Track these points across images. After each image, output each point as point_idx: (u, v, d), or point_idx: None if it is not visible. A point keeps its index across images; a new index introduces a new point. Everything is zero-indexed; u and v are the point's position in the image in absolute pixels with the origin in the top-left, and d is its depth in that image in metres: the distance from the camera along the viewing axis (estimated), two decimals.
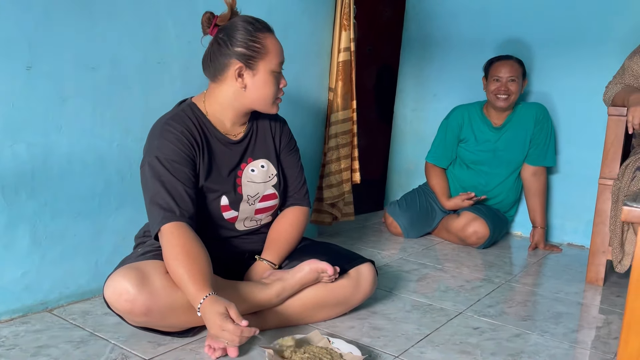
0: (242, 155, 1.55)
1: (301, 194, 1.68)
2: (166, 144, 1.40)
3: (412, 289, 1.95)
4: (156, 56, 1.73)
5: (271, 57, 1.45)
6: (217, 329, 1.22)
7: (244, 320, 1.22)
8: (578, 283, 2.14)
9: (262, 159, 1.59)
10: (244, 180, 1.54)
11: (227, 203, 1.50)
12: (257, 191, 1.56)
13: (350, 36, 2.40)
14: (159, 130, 1.42)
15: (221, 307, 1.22)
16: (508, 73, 2.54)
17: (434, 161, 2.75)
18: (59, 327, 1.45)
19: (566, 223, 2.79)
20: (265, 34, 1.45)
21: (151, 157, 1.39)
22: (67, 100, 1.52)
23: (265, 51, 1.44)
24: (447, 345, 1.49)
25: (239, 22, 1.45)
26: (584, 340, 1.61)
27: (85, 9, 1.53)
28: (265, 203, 1.58)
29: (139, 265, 1.32)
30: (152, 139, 1.42)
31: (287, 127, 1.68)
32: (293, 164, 1.67)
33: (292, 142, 1.69)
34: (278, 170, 1.62)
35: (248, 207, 1.54)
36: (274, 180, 1.60)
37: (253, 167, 1.57)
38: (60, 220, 1.55)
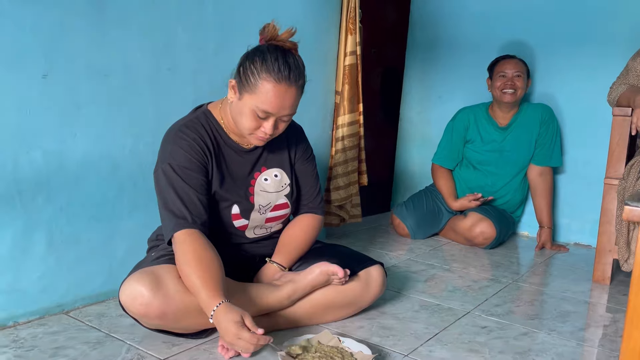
0: (255, 164, 1.56)
1: (316, 202, 1.68)
2: (179, 151, 1.42)
3: (420, 289, 1.97)
4: (167, 63, 1.76)
5: (258, 99, 1.36)
6: (232, 337, 1.24)
7: (259, 329, 1.24)
8: (585, 282, 2.16)
9: (276, 168, 1.60)
10: (257, 189, 1.55)
11: (238, 212, 1.52)
12: (269, 201, 1.57)
13: (356, 40, 2.43)
14: (172, 137, 1.45)
15: (237, 316, 1.24)
16: (513, 69, 2.57)
17: (441, 162, 2.77)
18: (75, 328, 1.48)
19: (573, 223, 2.81)
20: (269, 77, 1.34)
21: (164, 163, 1.42)
22: (81, 108, 1.56)
23: (256, 91, 1.36)
24: (455, 344, 1.52)
25: (264, 50, 1.38)
26: (591, 338, 1.63)
27: (97, 18, 1.57)
28: (276, 212, 1.59)
29: (153, 269, 1.35)
30: (166, 145, 1.45)
31: (303, 136, 1.67)
32: (308, 172, 1.67)
33: (309, 151, 1.68)
34: (291, 179, 1.62)
35: (259, 216, 1.56)
36: (287, 190, 1.61)
37: (266, 177, 1.57)
38: (75, 224, 1.59)
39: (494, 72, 2.63)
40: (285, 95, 1.37)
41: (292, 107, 1.41)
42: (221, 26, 1.91)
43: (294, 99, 1.40)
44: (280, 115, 1.40)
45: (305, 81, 1.45)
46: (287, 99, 1.38)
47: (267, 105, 1.36)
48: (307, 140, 1.69)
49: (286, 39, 1.42)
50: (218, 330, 1.29)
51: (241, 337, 1.23)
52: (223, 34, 1.92)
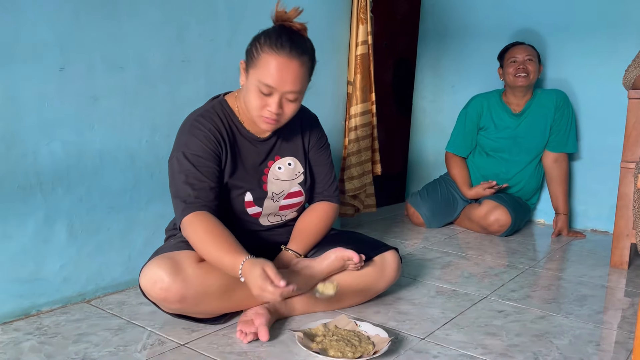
0: (268, 153, 1.57)
1: (331, 190, 1.69)
2: (193, 140, 1.44)
3: (436, 276, 1.98)
4: (180, 55, 1.78)
5: (260, 72, 1.37)
6: (258, 290, 1.26)
7: (282, 281, 1.25)
8: (602, 267, 2.14)
9: (290, 156, 1.61)
10: (270, 177, 1.56)
11: (252, 199, 1.53)
12: (283, 189, 1.59)
13: (367, 29, 2.43)
14: (188, 127, 1.47)
15: (258, 269, 1.26)
16: (525, 52, 2.57)
17: (454, 151, 2.77)
18: (97, 316, 1.51)
19: (589, 209, 2.79)
20: (271, 51, 1.36)
21: (178, 152, 1.44)
22: (98, 100, 1.59)
23: (258, 64, 1.37)
24: (472, 328, 1.52)
25: (270, 29, 1.42)
26: (609, 321, 1.62)
27: (111, 12, 1.59)
28: (290, 200, 1.61)
29: (172, 254, 1.38)
30: (181, 135, 1.47)
31: (317, 125, 1.68)
32: (323, 161, 1.68)
33: (323, 139, 1.68)
34: (305, 168, 1.63)
35: (272, 203, 1.58)
36: (301, 178, 1.62)
37: (280, 165, 1.59)
38: (95, 214, 1.62)
39: (505, 59, 2.62)
40: (286, 69, 1.36)
41: (295, 82, 1.38)
42: (233, 17, 1.93)
43: (296, 74, 1.38)
44: (283, 90, 1.37)
45: (313, 61, 1.44)
46: (288, 72, 1.36)
47: (267, 78, 1.36)
48: (321, 129, 1.69)
49: (292, 18, 1.44)
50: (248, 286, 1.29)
51: (265, 290, 1.24)
52: (235, 25, 1.93)
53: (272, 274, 1.26)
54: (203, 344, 1.36)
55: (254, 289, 1.27)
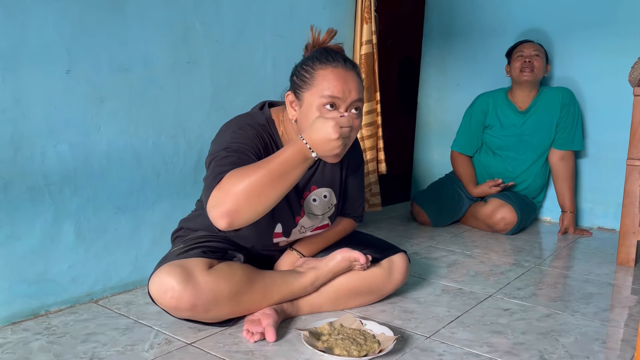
0: (307, 182, 1.52)
1: (358, 211, 1.68)
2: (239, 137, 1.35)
3: (442, 274, 1.98)
4: (185, 56, 1.79)
5: (319, 89, 1.29)
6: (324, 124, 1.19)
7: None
8: (609, 265, 2.14)
9: (326, 187, 1.54)
10: (305, 210, 1.51)
11: (281, 231, 1.51)
12: (313, 224, 1.56)
13: (371, 29, 2.44)
14: (233, 128, 1.38)
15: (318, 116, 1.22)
16: (531, 48, 2.58)
17: (460, 149, 2.77)
18: (105, 316, 1.53)
19: (596, 207, 2.78)
20: (324, 65, 1.31)
21: (220, 148, 1.33)
22: (104, 101, 1.60)
23: (313, 82, 1.30)
24: (477, 326, 1.52)
25: (314, 52, 1.37)
26: (615, 319, 1.62)
27: (117, 14, 1.60)
28: (316, 232, 1.59)
29: (183, 262, 1.35)
30: (224, 135, 1.38)
31: (357, 147, 1.61)
32: (356, 185, 1.64)
33: (358, 161, 1.61)
34: (339, 199, 1.58)
35: (299, 234, 1.56)
36: (332, 211, 1.58)
37: (315, 197, 1.52)
38: (102, 215, 1.63)
39: (513, 55, 2.62)
40: (346, 77, 1.30)
41: (358, 90, 1.31)
42: (238, 19, 1.94)
43: (357, 83, 1.32)
44: (348, 100, 1.30)
45: (362, 78, 1.39)
46: (349, 81, 1.30)
47: (331, 90, 1.28)
48: (360, 152, 1.64)
49: (328, 42, 1.41)
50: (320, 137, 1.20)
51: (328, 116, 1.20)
52: (240, 26, 1.94)
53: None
54: (210, 343, 1.37)
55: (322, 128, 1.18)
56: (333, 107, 1.29)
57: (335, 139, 1.19)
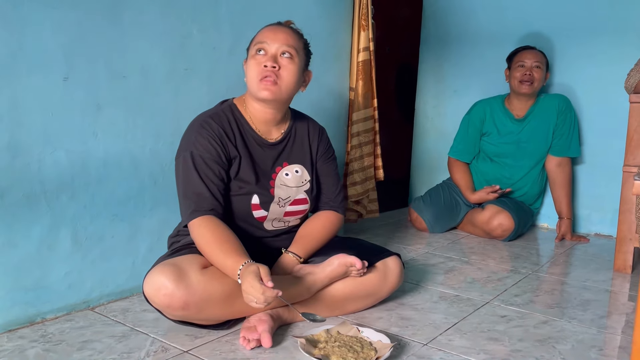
0: (277, 158, 1.60)
1: (337, 201, 1.71)
2: (202, 141, 1.47)
3: (439, 281, 1.98)
4: (183, 63, 1.80)
5: (254, 42, 1.50)
6: (247, 286, 1.26)
7: (270, 282, 1.27)
8: (606, 271, 2.14)
9: (297, 164, 1.64)
10: (277, 182, 1.59)
11: (258, 202, 1.55)
12: (289, 194, 1.61)
13: (369, 36, 2.45)
14: (197, 127, 1.50)
15: (254, 267, 1.28)
16: (533, 59, 2.57)
17: (457, 156, 2.77)
18: (101, 323, 1.52)
19: (593, 213, 2.78)
20: (269, 26, 1.52)
21: (186, 151, 1.47)
22: (101, 108, 1.60)
23: (256, 36, 1.51)
24: (474, 333, 1.52)
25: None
26: (612, 325, 1.62)
27: (115, 22, 1.61)
28: (295, 207, 1.62)
29: (176, 261, 1.39)
30: (190, 134, 1.50)
31: (325, 136, 1.72)
32: (329, 172, 1.71)
33: (330, 151, 1.72)
34: (312, 176, 1.66)
35: (278, 208, 1.59)
36: (307, 186, 1.64)
37: (287, 172, 1.61)
38: (99, 222, 1.63)
39: (513, 62, 2.62)
40: (276, 29, 1.49)
41: (287, 39, 1.48)
42: (235, 26, 1.94)
43: (288, 35, 1.49)
44: (274, 44, 1.46)
45: (307, 46, 1.56)
46: (278, 32, 1.49)
47: (260, 37, 1.48)
48: (329, 141, 1.74)
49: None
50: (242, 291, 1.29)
51: (253, 286, 1.25)
52: (237, 33, 1.95)
53: (264, 274, 1.27)
54: (206, 350, 1.37)
55: (245, 289, 1.28)
56: (262, 52, 1.47)
57: (256, 305, 1.28)
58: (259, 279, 1.26)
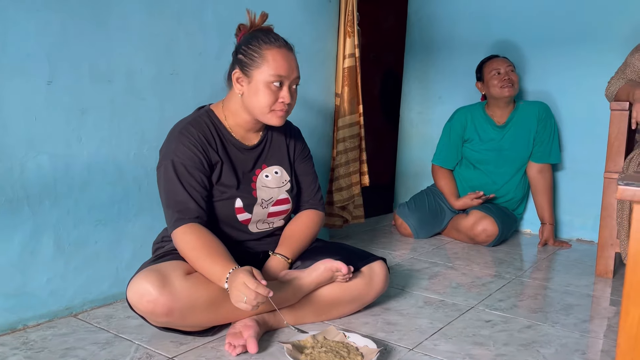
0: (256, 161, 1.61)
1: (316, 199, 1.73)
2: (182, 149, 1.46)
3: (424, 286, 1.99)
4: (169, 67, 1.79)
5: (268, 68, 1.44)
6: (239, 285, 1.26)
7: (264, 280, 1.28)
8: (588, 276, 2.17)
9: (276, 165, 1.65)
10: (259, 185, 1.59)
11: (242, 205, 1.55)
12: (271, 195, 1.61)
13: (354, 42, 2.46)
14: (176, 134, 1.49)
15: (247, 268, 1.30)
16: (506, 64, 2.64)
17: (440, 163, 2.80)
18: (84, 330, 1.50)
19: (575, 219, 2.82)
20: (270, 46, 1.46)
21: (167, 160, 1.46)
22: (85, 113, 1.59)
23: (262, 61, 1.45)
24: (460, 338, 1.53)
25: (255, 33, 1.51)
26: (595, 330, 1.64)
27: (100, 25, 1.60)
28: (278, 207, 1.63)
29: (159, 267, 1.37)
30: (170, 143, 1.49)
31: (301, 136, 1.74)
32: (307, 171, 1.73)
33: (306, 150, 1.75)
34: (291, 176, 1.67)
35: (261, 210, 1.59)
36: (288, 186, 1.66)
37: (267, 173, 1.62)
38: (82, 227, 1.61)
39: (485, 72, 2.67)
40: (289, 57, 1.49)
41: (298, 70, 1.52)
42: (221, 30, 1.94)
43: (296, 62, 1.52)
44: (291, 78, 1.48)
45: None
46: (292, 60, 1.49)
47: (279, 69, 1.45)
48: (304, 140, 1.75)
49: (261, 23, 1.54)
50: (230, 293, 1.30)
51: (247, 282, 1.25)
52: (223, 38, 1.94)
53: (257, 274, 1.30)
54: (191, 357, 1.36)
55: (236, 287, 1.27)
56: (277, 84, 1.46)
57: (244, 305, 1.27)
58: (253, 277, 1.27)
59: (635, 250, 0.69)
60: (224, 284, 1.31)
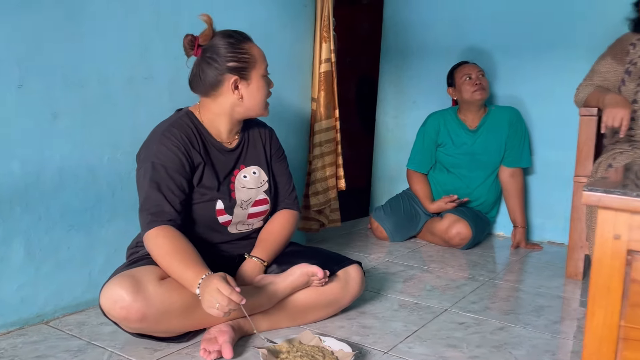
0: (235, 162, 1.62)
1: (291, 199, 1.75)
2: (164, 151, 1.46)
3: (399, 289, 2.01)
4: (143, 72, 1.78)
5: (259, 63, 1.54)
6: (212, 291, 1.25)
7: (237, 287, 1.28)
8: (558, 278, 2.22)
9: (254, 165, 1.66)
10: (237, 186, 1.60)
11: (222, 207, 1.55)
12: (250, 196, 1.62)
13: (330, 47, 2.48)
14: (158, 136, 1.48)
15: (221, 274, 1.30)
16: (476, 69, 2.70)
17: (415, 167, 2.83)
18: (56, 337, 1.48)
19: (546, 222, 2.88)
20: (248, 43, 1.55)
21: (147, 162, 1.45)
22: (58, 118, 1.57)
23: (254, 59, 1.53)
24: (434, 340, 1.55)
25: (221, 38, 1.52)
26: (565, 331, 1.68)
27: (72, 28, 1.58)
28: (257, 208, 1.64)
29: (133, 272, 1.36)
30: (151, 144, 1.48)
31: (275, 136, 1.76)
32: (282, 171, 1.75)
33: (280, 150, 1.77)
34: (269, 176, 1.69)
35: (241, 211, 1.60)
36: (265, 186, 1.67)
37: (245, 174, 1.63)
38: (54, 233, 1.59)
39: (456, 78, 2.72)
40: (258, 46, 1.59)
41: None
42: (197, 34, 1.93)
43: None
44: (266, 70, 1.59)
45: None
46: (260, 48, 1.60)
47: (265, 60, 1.57)
48: (278, 140, 1.77)
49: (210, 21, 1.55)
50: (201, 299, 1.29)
51: (220, 288, 1.24)
52: None
53: (230, 278, 1.30)
54: None
55: (209, 293, 1.26)
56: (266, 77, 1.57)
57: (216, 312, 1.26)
58: (227, 283, 1.26)
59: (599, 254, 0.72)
60: (196, 289, 1.30)
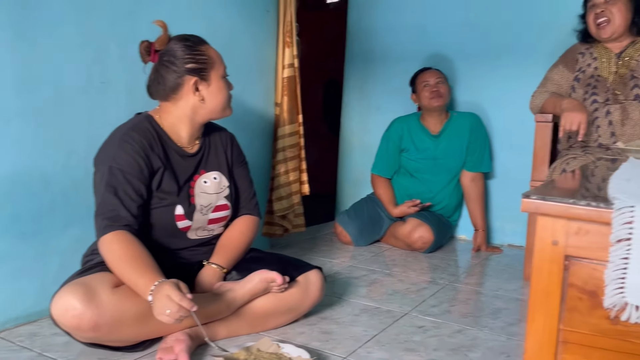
0: (196, 167, 1.61)
1: (252, 204, 1.74)
2: (122, 155, 1.43)
3: (362, 294, 2.02)
4: (99, 76, 1.75)
5: (218, 64, 1.55)
6: (162, 298, 1.23)
7: (189, 294, 1.26)
8: (517, 280, 2.26)
9: (215, 171, 1.65)
10: (197, 191, 1.58)
11: (182, 213, 1.54)
12: (210, 202, 1.60)
13: (293, 53, 2.48)
14: (117, 140, 1.46)
15: (174, 280, 1.28)
16: (435, 76, 2.74)
17: (379, 172, 2.86)
18: (5, 349, 1.44)
19: (506, 225, 2.94)
20: (204, 45, 1.55)
21: (105, 166, 1.43)
22: (9, 122, 1.52)
23: (212, 60, 1.54)
24: (392, 345, 1.56)
25: (177, 42, 1.52)
26: (520, 332, 1.71)
27: (24, 32, 1.54)
28: (217, 213, 1.62)
29: (85, 280, 1.33)
30: (109, 148, 1.46)
31: (236, 141, 1.75)
32: (243, 176, 1.74)
33: (242, 155, 1.76)
34: (230, 182, 1.68)
35: (201, 216, 1.58)
36: (226, 191, 1.66)
37: (206, 179, 1.61)
38: (5, 241, 1.54)
39: (417, 84, 2.77)
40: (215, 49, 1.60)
41: None
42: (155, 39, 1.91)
43: None
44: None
45: None
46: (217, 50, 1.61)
47: (222, 62, 1.58)
48: (239, 146, 1.77)
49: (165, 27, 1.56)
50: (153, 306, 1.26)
51: (171, 294, 1.22)
52: None
53: (183, 287, 1.27)
54: None
55: (160, 299, 1.24)
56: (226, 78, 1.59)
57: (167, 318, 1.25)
58: (179, 289, 1.24)
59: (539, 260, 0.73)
60: (148, 296, 1.28)
